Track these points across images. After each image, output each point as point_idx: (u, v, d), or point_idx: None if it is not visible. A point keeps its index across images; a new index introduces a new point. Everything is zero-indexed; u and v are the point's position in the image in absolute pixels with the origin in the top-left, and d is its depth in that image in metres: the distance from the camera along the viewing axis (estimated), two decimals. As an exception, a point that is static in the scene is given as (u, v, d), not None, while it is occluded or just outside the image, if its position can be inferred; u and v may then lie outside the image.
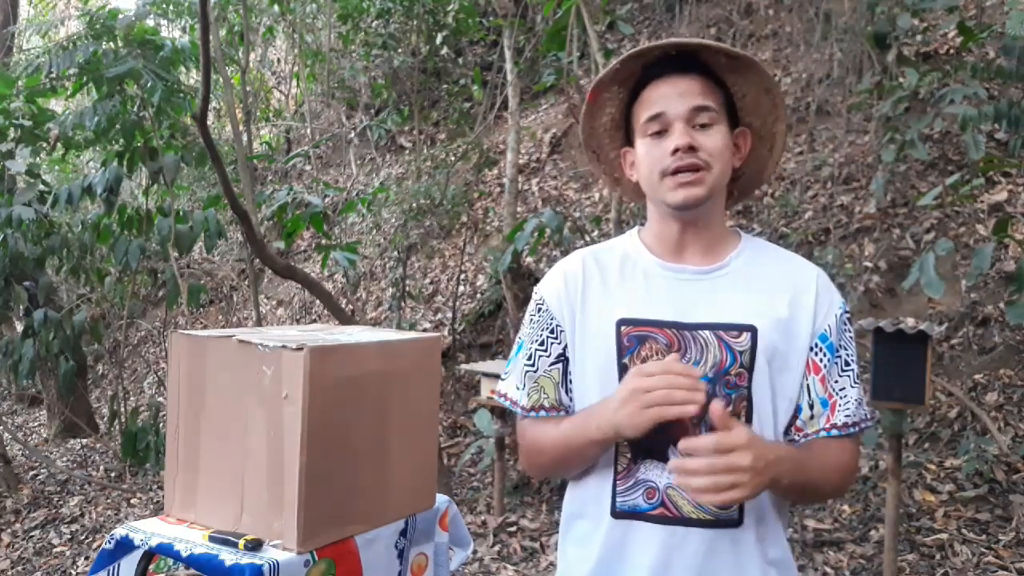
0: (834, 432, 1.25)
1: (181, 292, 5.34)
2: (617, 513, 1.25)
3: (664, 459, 1.22)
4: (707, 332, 1.23)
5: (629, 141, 1.34)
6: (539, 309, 1.36)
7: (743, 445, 1.08)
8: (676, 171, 1.23)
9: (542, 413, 1.33)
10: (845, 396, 1.26)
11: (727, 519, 1.21)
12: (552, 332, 1.33)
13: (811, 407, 1.26)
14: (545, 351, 1.33)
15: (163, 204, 5.34)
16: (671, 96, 1.24)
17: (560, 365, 1.33)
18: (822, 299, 1.26)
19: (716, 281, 1.28)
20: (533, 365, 1.34)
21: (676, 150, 1.22)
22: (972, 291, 4.51)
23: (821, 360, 1.25)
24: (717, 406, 1.10)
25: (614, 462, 1.26)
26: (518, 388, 1.36)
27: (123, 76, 4.82)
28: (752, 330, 1.23)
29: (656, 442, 1.21)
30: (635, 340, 1.25)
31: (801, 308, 1.25)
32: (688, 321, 1.24)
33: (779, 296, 1.26)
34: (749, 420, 1.23)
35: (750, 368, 1.22)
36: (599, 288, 1.31)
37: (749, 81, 1.29)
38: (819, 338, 1.25)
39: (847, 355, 1.27)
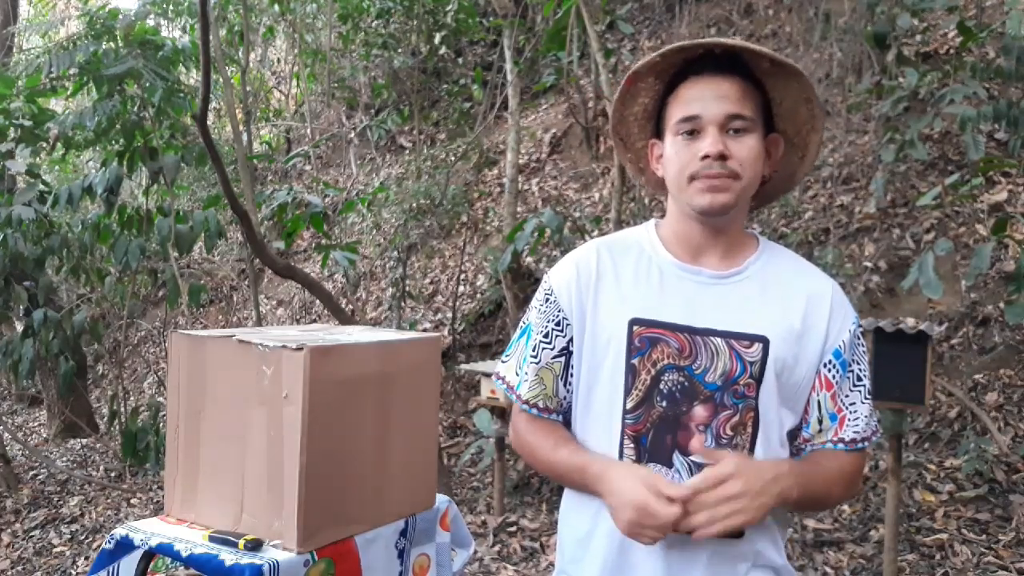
0: (840, 446, 1.26)
1: (181, 292, 5.34)
2: None
3: (668, 464, 1.22)
4: (719, 339, 1.22)
5: (658, 133, 1.32)
6: (547, 299, 1.34)
7: (730, 474, 1.10)
8: (705, 177, 1.21)
9: (534, 411, 1.33)
10: (855, 411, 1.26)
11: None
12: (558, 325, 1.32)
13: (820, 421, 1.27)
14: (549, 343, 1.32)
15: (163, 204, 5.33)
16: (708, 98, 1.20)
17: (563, 359, 1.32)
18: (836, 314, 1.25)
19: (732, 287, 1.26)
20: (536, 357, 1.33)
21: (706, 156, 1.20)
22: (972, 291, 4.51)
23: (833, 376, 1.25)
24: (697, 443, 1.18)
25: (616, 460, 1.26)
26: (517, 374, 1.36)
27: (123, 76, 4.82)
28: (764, 341, 1.22)
29: (660, 447, 1.22)
30: (646, 342, 1.24)
31: (814, 322, 1.24)
32: (701, 326, 1.23)
33: (793, 307, 1.25)
34: (755, 431, 1.22)
35: (759, 379, 1.21)
36: (612, 284, 1.29)
37: (789, 88, 1.26)
38: (832, 354, 1.25)
39: (859, 370, 1.27)
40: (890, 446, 3.14)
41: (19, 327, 5.86)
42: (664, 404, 1.22)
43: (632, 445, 1.23)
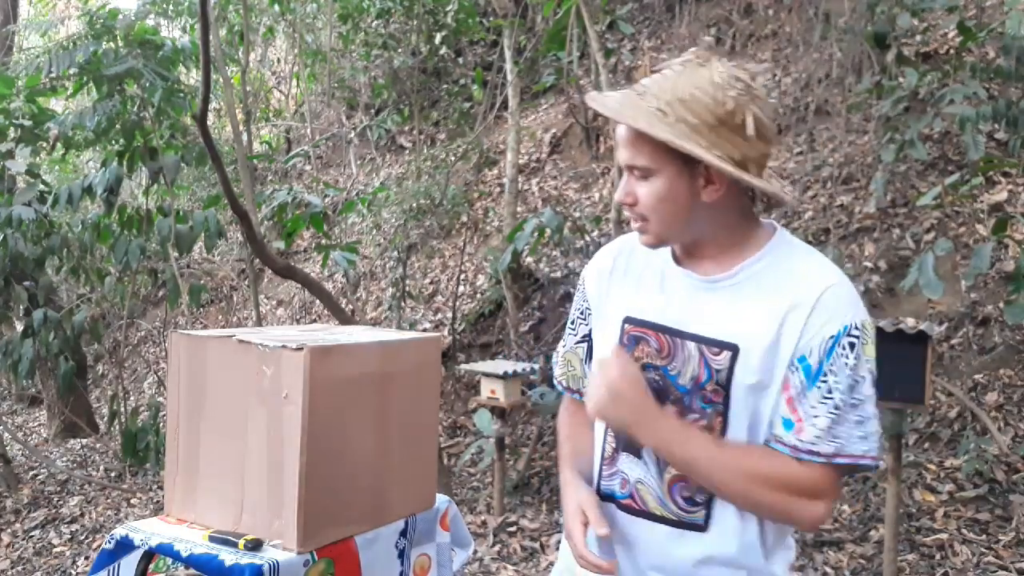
0: (780, 447, 1.19)
1: (181, 292, 5.34)
2: (600, 494, 1.35)
3: (638, 455, 1.30)
4: (692, 344, 1.24)
5: None
6: (579, 289, 1.46)
7: (611, 362, 1.23)
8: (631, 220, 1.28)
9: (560, 387, 1.50)
10: (814, 425, 1.17)
11: (691, 522, 1.25)
12: (582, 313, 1.44)
13: (771, 425, 1.21)
14: (574, 330, 1.46)
15: (163, 204, 5.33)
16: (619, 143, 1.24)
17: (585, 344, 1.44)
18: (815, 318, 1.17)
19: (717, 292, 1.25)
20: (565, 342, 1.49)
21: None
22: (972, 291, 4.51)
23: (792, 380, 1.18)
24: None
25: (602, 448, 1.36)
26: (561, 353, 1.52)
27: (123, 76, 4.82)
28: (733, 349, 1.20)
29: (633, 440, 1.27)
30: (632, 339, 1.30)
31: (789, 329, 1.18)
32: (681, 328, 1.25)
33: (773, 314, 1.19)
34: (724, 436, 1.23)
35: (726, 387, 1.21)
36: (621, 281, 1.36)
37: None
38: (798, 359, 1.18)
39: (835, 382, 1.16)
40: (890, 446, 3.14)
41: (19, 327, 5.85)
42: None
43: (612, 436, 1.33)
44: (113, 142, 5.21)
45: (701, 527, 1.24)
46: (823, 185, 5.58)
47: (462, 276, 6.62)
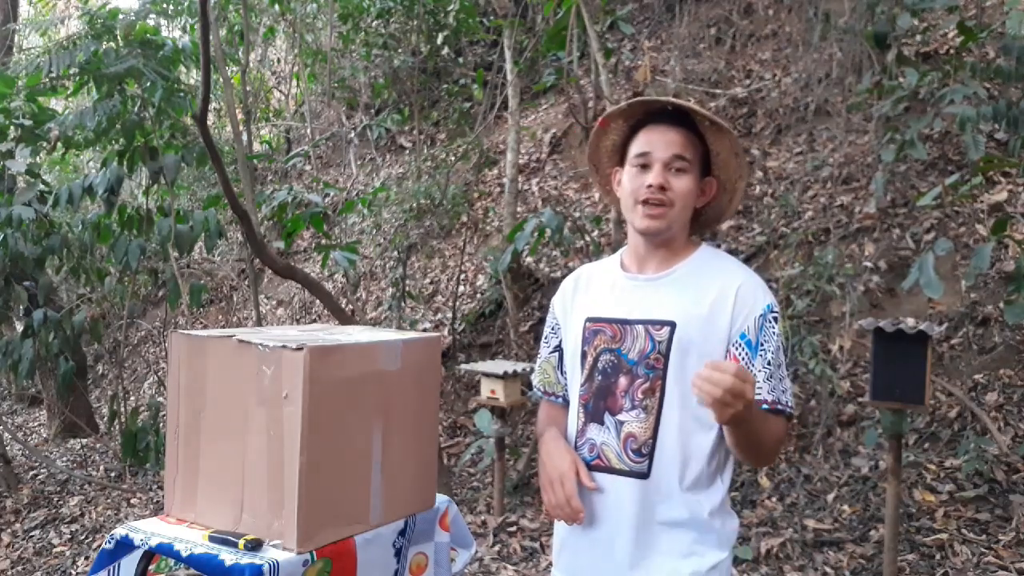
0: (764, 407, 1.48)
1: (181, 292, 5.34)
2: None
3: (601, 422, 1.59)
4: (640, 326, 1.56)
5: (621, 163, 1.66)
6: (550, 312, 1.79)
7: (734, 372, 1.30)
8: (646, 201, 1.54)
9: (539, 392, 1.80)
10: (769, 384, 1.51)
11: (638, 471, 1.53)
12: (552, 329, 1.77)
13: None
14: (547, 344, 1.78)
15: (163, 204, 5.33)
16: (659, 142, 1.55)
17: (557, 354, 1.76)
18: (740, 304, 1.51)
19: (659, 286, 1.59)
20: (540, 355, 1.81)
21: (650, 185, 1.53)
22: (972, 291, 4.51)
23: (740, 355, 1.51)
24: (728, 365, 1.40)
25: (574, 425, 1.65)
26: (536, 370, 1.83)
27: (123, 75, 4.82)
28: (671, 324, 1.53)
29: (597, 411, 1.60)
30: (592, 333, 1.62)
31: (720, 310, 1.52)
32: (630, 317, 1.58)
33: (703, 298, 1.53)
34: (663, 395, 1.53)
35: (666, 355, 1.53)
36: (583, 295, 1.70)
37: (723, 142, 1.58)
38: (739, 336, 1.51)
39: (764, 350, 1.52)
40: (890, 446, 3.15)
41: (19, 327, 5.85)
42: (600, 378, 1.60)
43: (582, 411, 1.63)
44: (113, 142, 5.21)
45: (644, 474, 1.53)
46: (823, 185, 5.58)
47: (462, 276, 6.62)
